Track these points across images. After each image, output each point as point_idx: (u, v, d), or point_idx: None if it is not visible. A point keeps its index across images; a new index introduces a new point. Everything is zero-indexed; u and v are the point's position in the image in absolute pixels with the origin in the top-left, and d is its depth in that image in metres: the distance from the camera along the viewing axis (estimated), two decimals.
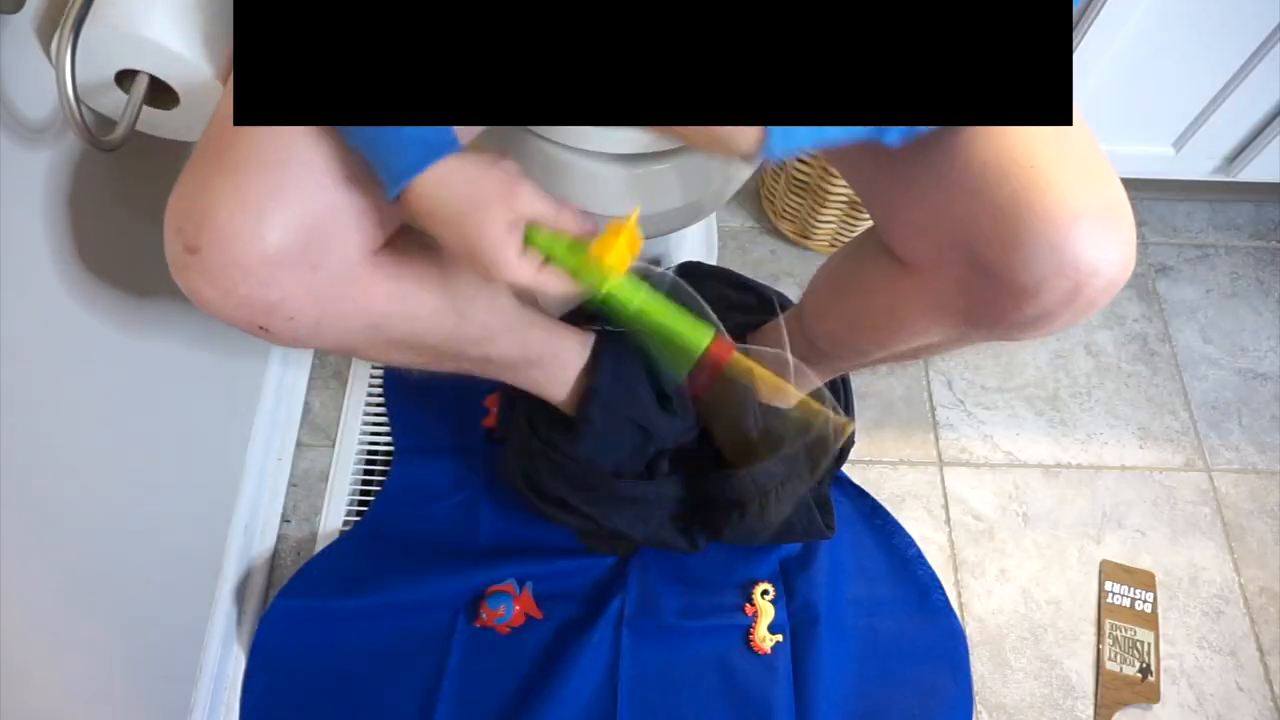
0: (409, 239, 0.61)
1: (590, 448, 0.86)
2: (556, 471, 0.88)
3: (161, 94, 0.66)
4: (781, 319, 0.85)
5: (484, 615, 0.94)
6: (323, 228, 0.53)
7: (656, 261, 1.07)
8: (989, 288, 0.51)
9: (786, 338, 0.81)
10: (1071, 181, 0.48)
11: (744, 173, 0.82)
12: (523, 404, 0.90)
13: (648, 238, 0.95)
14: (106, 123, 0.66)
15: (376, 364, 1.13)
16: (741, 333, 0.92)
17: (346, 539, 1.02)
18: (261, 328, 0.55)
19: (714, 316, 0.64)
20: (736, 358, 0.65)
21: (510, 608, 0.94)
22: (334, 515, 1.04)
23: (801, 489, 0.90)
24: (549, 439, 0.88)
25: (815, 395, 0.91)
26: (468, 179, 0.53)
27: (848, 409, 0.93)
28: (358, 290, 0.57)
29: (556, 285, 0.57)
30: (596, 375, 0.83)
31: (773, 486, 0.87)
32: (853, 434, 0.93)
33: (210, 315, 0.54)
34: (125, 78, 0.64)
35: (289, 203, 0.51)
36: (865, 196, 0.59)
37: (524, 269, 0.55)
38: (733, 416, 0.90)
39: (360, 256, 0.57)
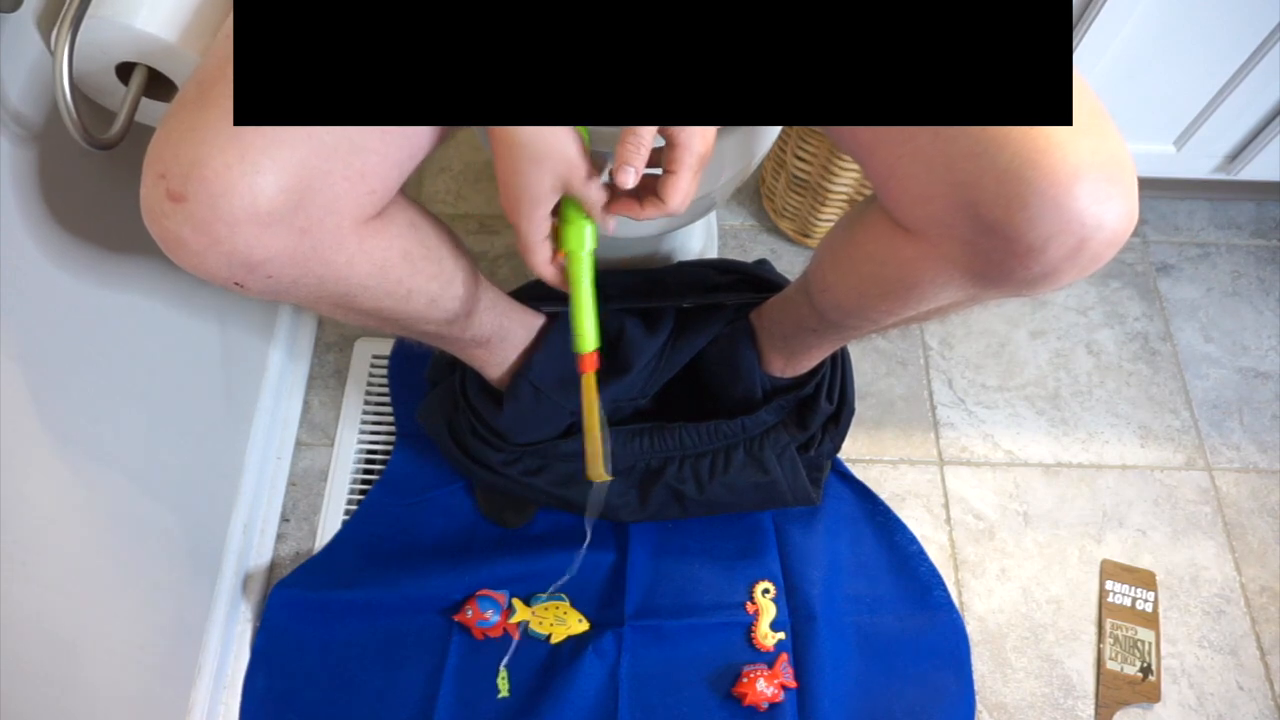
0: (399, 215, 0.60)
1: (511, 423, 0.86)
2: (475, 433, 0.88)
3: (164, 86, 0.66)
4: (784, 293, 0.84)
5: (469, 613, 0.94)
6: (317, 190, 0.50)
7: (667, 259, 1.07)
8: (996, 248, 0.51)
9: (790, 310, 0.81)
10: (1073, 138, 0.48)
11: (755, 163, 0.81)
12: (460, 366, 0.89)
13: (661, 233, 0.94)
14: (108, 117, 0.66)
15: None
16: (743, 312, 0.91)
17: (346, 527, 1.02)
18: (237, 284, 0.52)
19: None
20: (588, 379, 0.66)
21: (495, 616, 0.94)
22: (334, 515, 1.04)
23: (787, 440, 0.89)
24: (475, 406, 0.87)
25: (815, 372, 0.90)
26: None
27: (845, 388, 0.91)
28: (343, 259, 0.55)
29: (552, 276, 0.62)
30: (533, 359, 0.83)
31: (759, 434, 0.87)
32: (851, 401, 0.92)
33: (182, 268, 0.51)
34: (126, 71, 0.64)
35: (286, 159, 0.49)
36: (864, 164, 0.59)
37: (542, 249, 0.60)
38: (736, 378, 0.89)
39: (351, 225, 0.54)
